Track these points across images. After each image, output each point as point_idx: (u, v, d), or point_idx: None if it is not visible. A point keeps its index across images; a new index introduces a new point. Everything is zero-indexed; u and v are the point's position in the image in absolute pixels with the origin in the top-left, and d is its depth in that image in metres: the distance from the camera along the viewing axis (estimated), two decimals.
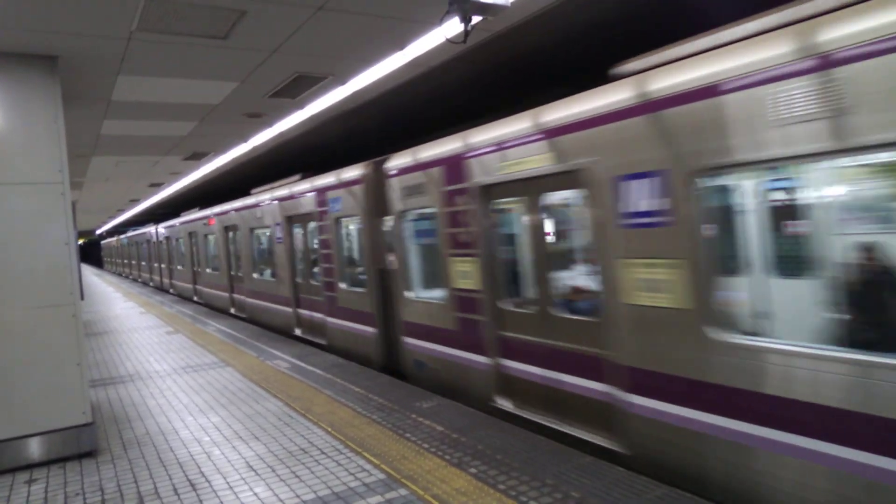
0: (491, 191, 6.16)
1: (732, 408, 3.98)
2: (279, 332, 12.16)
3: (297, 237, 11.58)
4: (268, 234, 13.08)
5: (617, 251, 4.70)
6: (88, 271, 49.78)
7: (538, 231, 5.83)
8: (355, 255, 9.98)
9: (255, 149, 11.24)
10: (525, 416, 5.92)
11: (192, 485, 4.76)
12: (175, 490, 4.68)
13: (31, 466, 5.33)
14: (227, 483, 4.74)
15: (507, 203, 6.24)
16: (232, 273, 16.02)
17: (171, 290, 24.14)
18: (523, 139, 5.57)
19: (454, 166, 6.53)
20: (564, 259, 5.98)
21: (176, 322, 14.68)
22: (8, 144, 5.35)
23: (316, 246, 10.65)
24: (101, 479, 4.98)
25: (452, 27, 4.95)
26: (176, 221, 21.33)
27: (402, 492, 4.36)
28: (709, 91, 3.91)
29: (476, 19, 4.82)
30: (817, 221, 4.42)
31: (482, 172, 6.14)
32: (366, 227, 8.72)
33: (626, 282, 4.65)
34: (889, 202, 4.11)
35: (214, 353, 10.22)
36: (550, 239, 6.06)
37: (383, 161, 8.11)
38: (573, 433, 5.35)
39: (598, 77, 5.18)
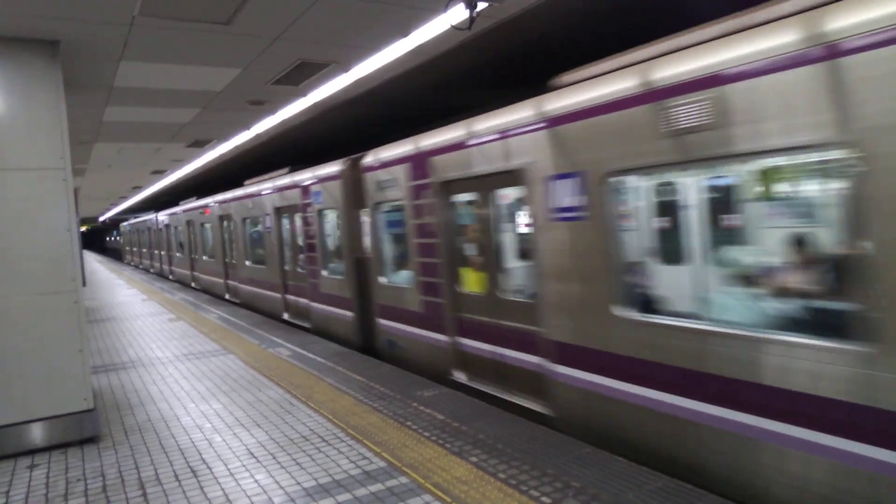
0: None
1: None
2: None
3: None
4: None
5: None
6: (91, 257, 49.89)
7: None
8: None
9: (257, 136, 11.20)
10: None
11: (194, 471, 4.77)
12: (176, 476, 4.69)
13: (32, 452, 5.35)
14: (229, 470, 4.75)
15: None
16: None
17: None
18: None
19: None
20: None
21: (178, 309, 14.70)
22: (9, 130, 5.32)
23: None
24: (103, 465, 5.00)
25: (457, 14, 4.91)
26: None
27: (403, 480, 4.36)
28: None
29: (482, 6, 4.78)
30: None
31: None
32: None
33: None
34: None
35: (216, 340, 10.23)
36: None
37: None
38: None
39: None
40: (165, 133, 10.76)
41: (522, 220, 6.73)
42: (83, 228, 43.35)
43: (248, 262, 14.61)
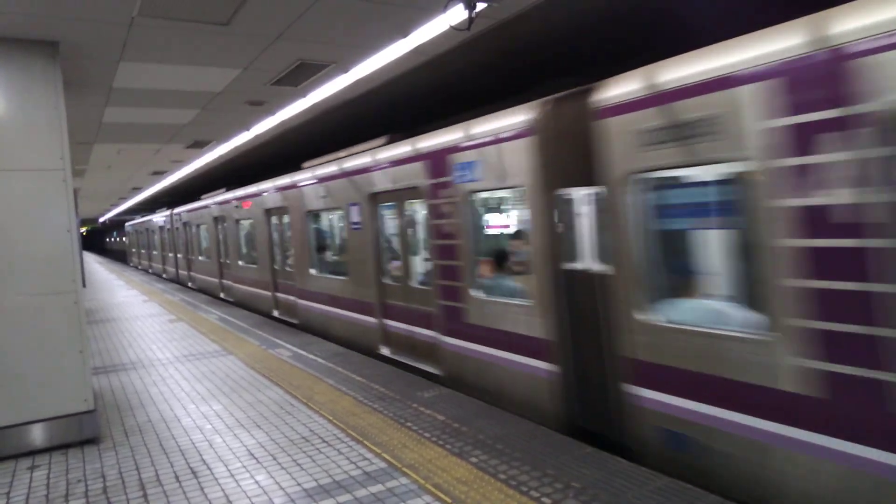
0: None
1: None
2: None
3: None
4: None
5: None
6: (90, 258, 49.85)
7: None
8: None
9: (257, 137, 11.20)
10: None
11: (194, 472, 4.76)
12: (177, 477, 4.69)
13: (33, 453, 5.35)
14: (229, 471, 4.75)
15: None
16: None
17: None
18: None
19: None
20: None
21: (178, 310, 14.70)
22: (8, 131, 5.32)
23: None
24: (103, 466, 5.00)
25: (456, 14, 4.90)
26: None
27: (403, 480, 4.36)
28: None
29: (480, 6, 4.78)
30: None
31: None
32: None
33: None
34: None
35: (217, 341, 10.23)
36: None
37: None
38: None
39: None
40: (165, 134, 10.76)
41: None
42: (83, 230, 43.04)
43: (313, 271, 10.94)
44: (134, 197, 26.58)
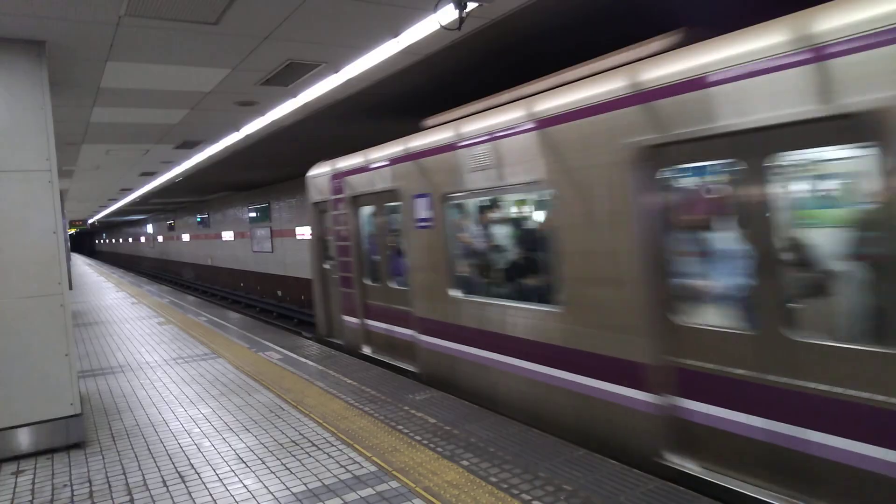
0: None
1: None
2: None
3: None
4: None
5: None
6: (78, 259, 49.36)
7: None
8: None
9: (247, 137, 11.14)
10: None
11: (182, 477, 4.71)
12: (164, 482, 4.63)
13: (18, 458, 5.27)
14: (217, 475, 4.69)
15: None
16: None
17: None
18: None
19: None
20: None
21: (168, 312, 14.59)
22: None
23: None
24: (90, 471, 4.93)
25: (447, 14, 4.89)
26: None
27: (394, 484, 4.33)
28: None
29: (471, 6, 4.77)
30: None
31: None
32: None
33: None
34: None
35: (206, 343, 10.15)
36: None
37: None
38: None
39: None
40: (154, 134, 10.68)
41: None
42: (71, 231, 42.33)
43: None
44: (123, 198, 26.40)
